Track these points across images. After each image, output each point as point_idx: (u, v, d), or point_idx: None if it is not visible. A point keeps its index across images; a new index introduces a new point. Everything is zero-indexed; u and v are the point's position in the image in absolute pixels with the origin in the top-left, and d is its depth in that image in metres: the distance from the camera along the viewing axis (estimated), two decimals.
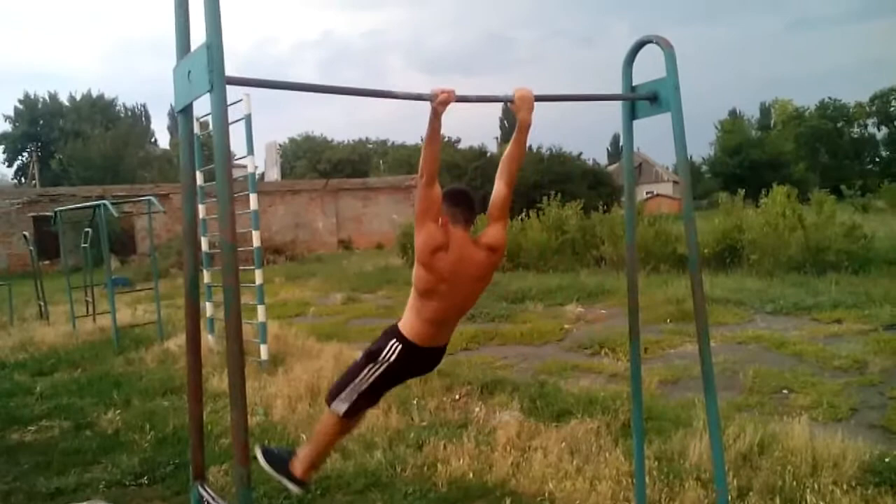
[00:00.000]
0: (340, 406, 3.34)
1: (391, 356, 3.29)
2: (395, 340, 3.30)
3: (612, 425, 5.12)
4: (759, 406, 5.68)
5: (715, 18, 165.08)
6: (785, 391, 6.10)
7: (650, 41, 3.13)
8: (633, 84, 3.24)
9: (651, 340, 8.04)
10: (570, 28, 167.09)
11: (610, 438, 4.87)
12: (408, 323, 3.31)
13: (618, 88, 3.27)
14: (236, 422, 2.10)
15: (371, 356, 3.36)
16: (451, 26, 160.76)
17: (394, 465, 4.63)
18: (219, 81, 2.04)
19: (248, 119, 7.76)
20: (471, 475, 4.41)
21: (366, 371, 3.35)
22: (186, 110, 2.34)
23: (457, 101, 2.78)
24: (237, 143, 7.25)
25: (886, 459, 4.20)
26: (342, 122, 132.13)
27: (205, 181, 8.64)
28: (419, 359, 3.37)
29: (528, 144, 3.24)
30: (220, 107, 2.07)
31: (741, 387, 6.28)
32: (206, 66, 2.03)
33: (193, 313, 2.48)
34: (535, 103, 3.02)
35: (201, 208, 8.61)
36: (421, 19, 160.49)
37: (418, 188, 3.07)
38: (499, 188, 3.23)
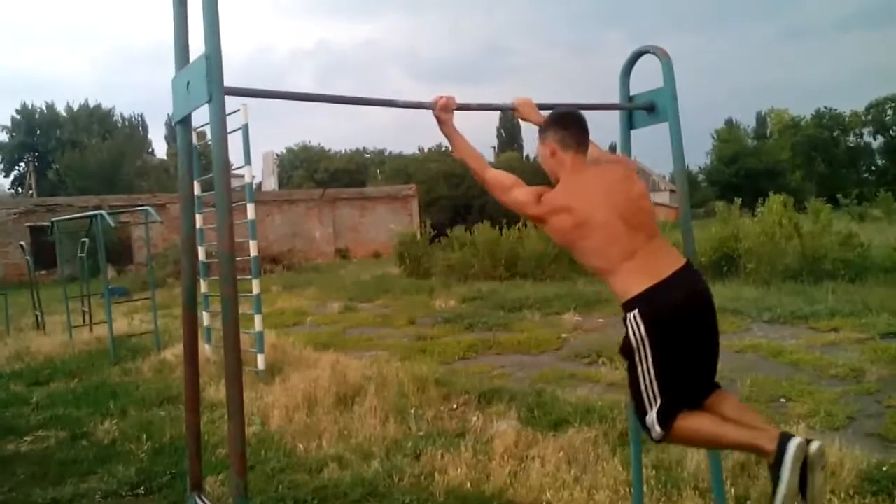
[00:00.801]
0: (653, 424, 2.62)
1: (638, 324, 2.59)
2: (628, 314, 2.65)
3: (610, 434, 5.11)
4: None
5: (711, 28, 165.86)
6: (782, 400, 6.10)
7: (647, 51, 3.15)
8: (631, 94, 3.26)
9: None
10: (567, 38, 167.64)
11: (608, 447, 4.86)
12: (619, 288, 2.68)
13: (615, 98, 3.29)
14: (233, 432, 2.10)
15: (627, 351, 2.70)
16: (448, 36, 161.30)
17: (391, 475, 4.61)
18: (218, 92, 2.05)
19: (245, 129, 7.78)
20: (468, 485, 4.40)
21: (641, 368, 2.63)
22: (185, 121, 2.35)
23: (457, 108, 2.80)
24: (235, 153, 7.25)
25: (884, 468, 4.20)
26: (339, 132, 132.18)
27: (202, 191, 8.64)
28: (667, 295, 2.58)
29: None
30: (219, 117, 2.08)
31: (738, 395, 6.27)
32: (205, 77, 2.04)
33: (191, 324, 2.49)
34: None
35: (199, 218, 8.62)
36: (418, 29, 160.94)
37: (485, 182, 2.92)
38: None
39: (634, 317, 2.60)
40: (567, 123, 2.83)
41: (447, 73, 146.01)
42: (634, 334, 2.61)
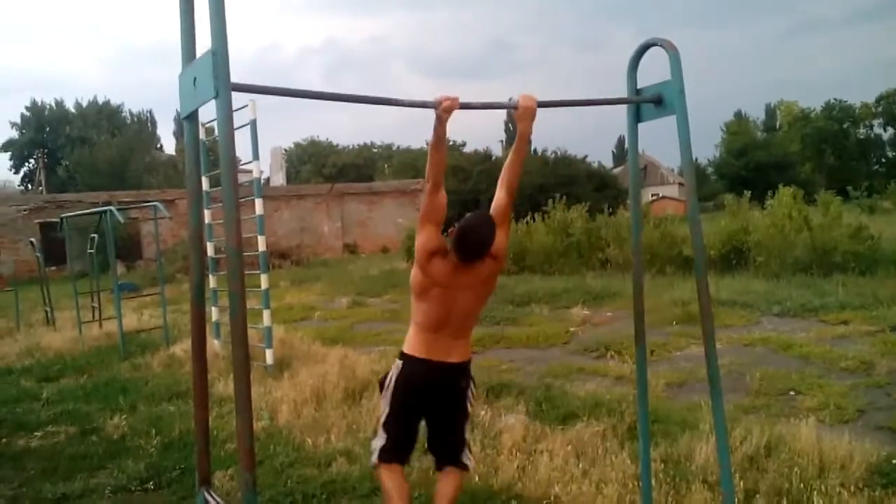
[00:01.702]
0: (374, 451, 3.36)
1: (395, 374, 3.30)
2: (397, 359, 3.34)
3: (619, 428, 5.11)
4: (765, 408, 5.66)
5: (719, 21, 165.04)
6: (792, 393, 6.09)
7: (655, 44, 3.13)
8: (638, 87, 3.24)
9: (657, 343, 8.02)
10: (574, 32, 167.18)
11: (616, 441, 4.86)
12: (408, 337, 3.34)
13: (623, 91, 3.27)
14: (242, 427, 2.11)
15: (381, 385, 3.39)
16: (455, 32, 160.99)
17: None
18: (224, 88, 2.04)
19: (253, 124, 7.78)
20: (476, 478, 4.40)
21: (383, 403, 3.36)
22: (192, 117, 2.35)
23: (461, 108, 2.79)
24: (242, 149, 7.29)
25: (894, 461, 4.19)
26: (347, 127, 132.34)
27: (210, 186, 8.66)
28: (425, 374, 3.27)
29: (530, 151, 3.20)
30: (226, 113, 2.08)
31: (748, 389, 6.26)
32: (212, 73, 2.04)
33: (199, 319, 2.49)
34: (541, 108, 3.03)
35: (207, 213, 8.64)
36: (424, 25, 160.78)
37: (424, 193, 3.10)
38: (499, 196, 3.27)
39: (398, 365, 3.32)
40: (462, 244, 3.15)
41: (454, 69, 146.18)
42: (390, 376, 3.34)
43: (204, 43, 2.17)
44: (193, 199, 2.50)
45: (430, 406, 3.36)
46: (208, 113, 2.31)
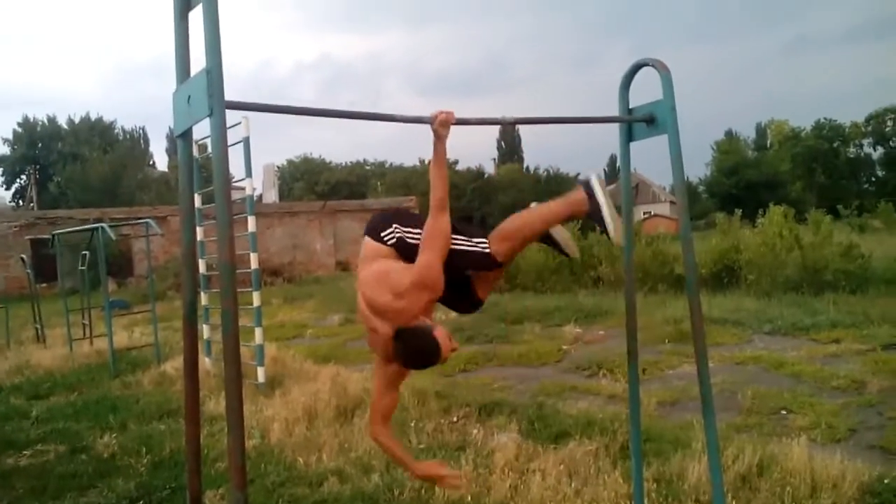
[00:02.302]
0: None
1: None
2: None
3: (611, 447, 5.10)
4: (757, 427, 5.66)
5: (710, 40, 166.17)
6: (783, 412, 6.09)
7: (647, 64, 3.16)
8: (630, 106, 3.27)
9: (649, 361, 8.03)
10: (568, 50, 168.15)
11: (608, 460, 4.85)
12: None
13: (615, 109, 3.30)
14: (233, 445, 2.09)
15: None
16: (448, 49, 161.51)
17: (391, 489, 4.60)
18: (218, 106, 2.05)
19: (246, 142, 7.80)
20: (469, 498, 4.38)
21: None
22: (186, 135, 2.35)
23: (456, 123, 2.79)
24: (235, 166, 7.28)
25: (885, 480, 4.19)
26: (340, 144, 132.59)
27: (203, 203, 8.65)
28: None
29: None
30: (220, 131, 2.08)
31: (740, 408, 6.27)
32: (206, 91, 2.04)
33: (191, 337, 2.48)
34: (535, 125, 3.05)
35: (199, 231, 8.62)
36: (418, 42, 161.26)
37: (431, 217, 2.91)
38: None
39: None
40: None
41: (448, 86, 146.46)
42: None
43: (198, 59, 2.18)
44: (187, 217, 2.49)
45: None
46: (201, 130, 2.31)
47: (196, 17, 2.22)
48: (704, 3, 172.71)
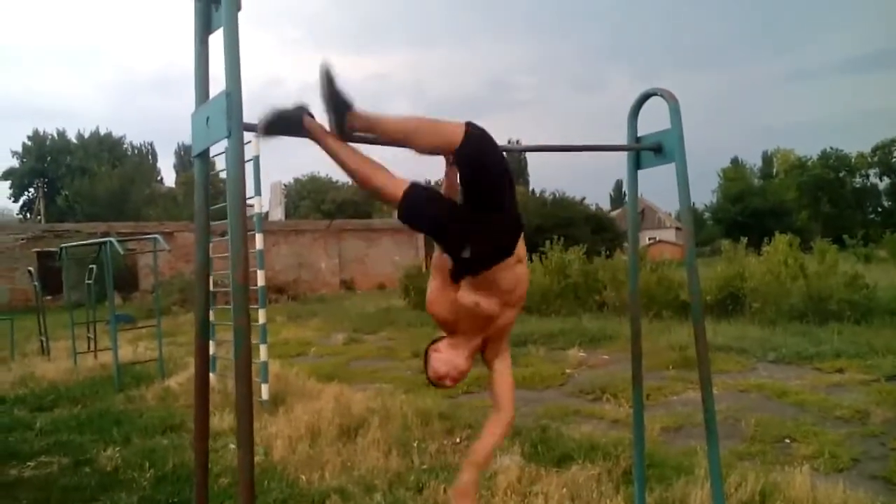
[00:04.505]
0: None
1: None
2: None
3: (614, 472, 5.10)
4: (760, 455, 5.66)
5: (714, 66, 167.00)
6: (787, 440, 6.08)
7: (655, 94, 3.21)
8: (638, 134, 3.32)
9: (653, 387, 8.02)
10: (572, 73, 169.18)
11: (611, 485, 4.85)
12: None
13: (620, 133, 3.35)
14: (243, 461, 2.13)
15: None
16: (454, 71, 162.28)
17: None
18: (237, 128, 2.11)
19: (256, 160, 7.87)
20: None
21: None
22: (203, 155, 2.41)
23: None
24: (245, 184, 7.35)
25: None
26: None
27: (210, 220, 8.71)
28: None
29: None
30: (238, 153, 2.14)
31: (743, 435, 6.26)
32: (225, 113, 2.10)
33: (203, 352, 2.52)
34: (544, 152, 3.08)
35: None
36: (424, 64, 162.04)
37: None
38: None
39: None
40: None
41: (453, 107, 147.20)
42: None
43: (214, 78, 2.23)
44: (202, 235, 2.54)
45: None
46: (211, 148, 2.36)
47: (215, 39, 2.29)
48: (706, 32, 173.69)
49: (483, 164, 2.58)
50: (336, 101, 2.49)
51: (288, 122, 2.49)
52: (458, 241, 2.62)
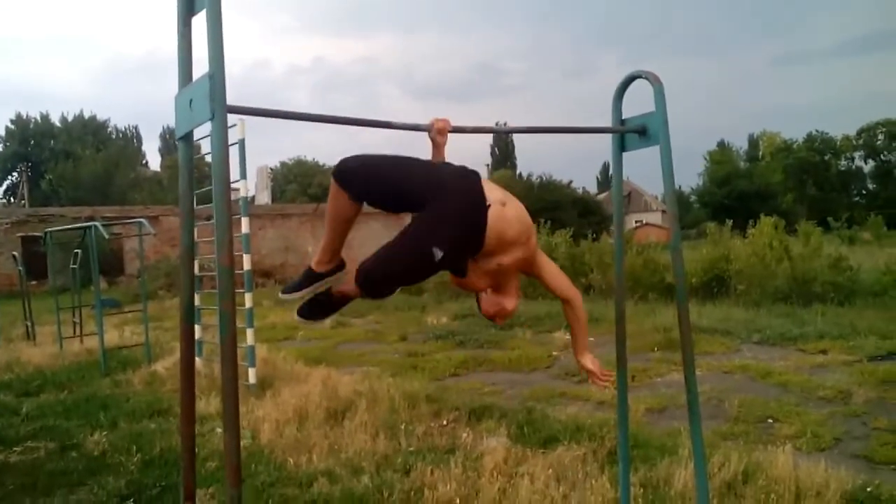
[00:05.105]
0: None
1: None
2: None
3: (599, 452, 5.15)
4: (744, 435, 5.72)
5: (703, 51, 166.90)
6: (770, 420, 6.15)
7: (640, 76, 3.21)
8: (623, 117, 3.32)
9: (638, 368, 8.09)
10: (560, 59, 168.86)
11: (596, 465, 4.90)
12: None
13: (607, 117, 3.35)
14: (229, 444, 2.13)
15: None
16: (442, 55, 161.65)
17: (381, 491, 4.63)
18: (220, 110, 2.09)
19: (241, 144, 7.82)
20: (458, 501, 4.42)
21: None
22: (187, 137, 2.39)
23: (451, 131, 2.84)
24: (230, 168, 7.31)
25: (868, 489, 4.25)
26: (334, 147, 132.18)
27: (196, 204, 8.67)
28: None
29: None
30: (221, 136, 2.12)
31: (727, 416, 6.33)
32: (208, 96, 2.09)
33: (188, 337, 2.52)
34: (529, 134, 3.09)
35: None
36: (412, 48, 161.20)
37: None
38: None
39: None
40: None
41: (441, 91, 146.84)
42: None
43: (198, 60, 2.22)
44: (186, 219, 2.53)
45: None
46: (196, 131, 2.35)
47: (198, 21, 2.27)
48: (695, 17, 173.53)
49: (377, 188, 2.80)
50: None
51: (322, 305, 3.22)
52: (432, 260, 2.69)
